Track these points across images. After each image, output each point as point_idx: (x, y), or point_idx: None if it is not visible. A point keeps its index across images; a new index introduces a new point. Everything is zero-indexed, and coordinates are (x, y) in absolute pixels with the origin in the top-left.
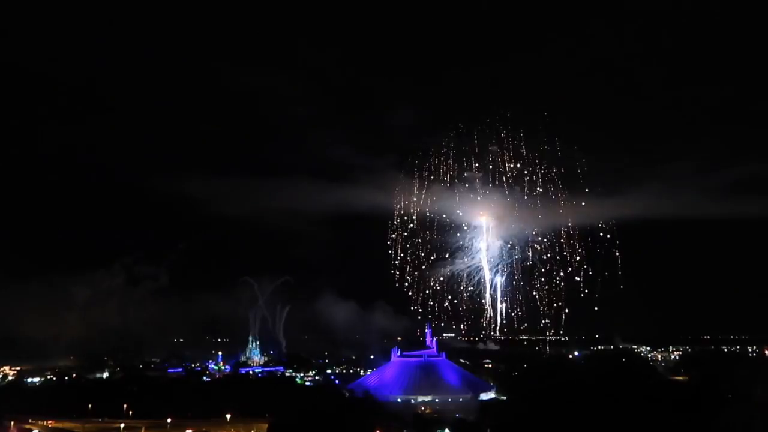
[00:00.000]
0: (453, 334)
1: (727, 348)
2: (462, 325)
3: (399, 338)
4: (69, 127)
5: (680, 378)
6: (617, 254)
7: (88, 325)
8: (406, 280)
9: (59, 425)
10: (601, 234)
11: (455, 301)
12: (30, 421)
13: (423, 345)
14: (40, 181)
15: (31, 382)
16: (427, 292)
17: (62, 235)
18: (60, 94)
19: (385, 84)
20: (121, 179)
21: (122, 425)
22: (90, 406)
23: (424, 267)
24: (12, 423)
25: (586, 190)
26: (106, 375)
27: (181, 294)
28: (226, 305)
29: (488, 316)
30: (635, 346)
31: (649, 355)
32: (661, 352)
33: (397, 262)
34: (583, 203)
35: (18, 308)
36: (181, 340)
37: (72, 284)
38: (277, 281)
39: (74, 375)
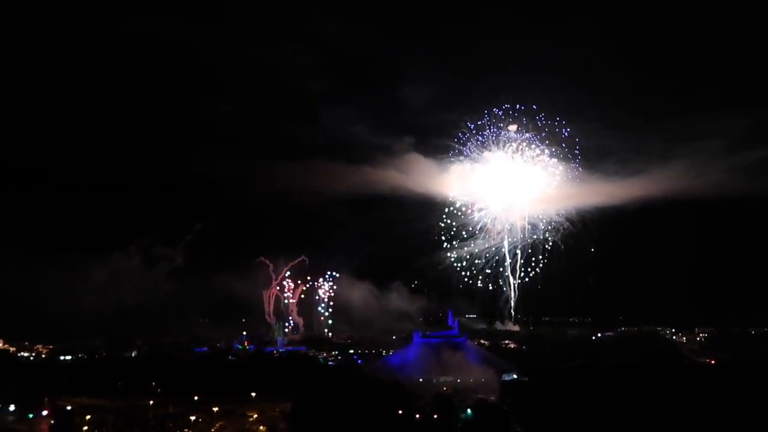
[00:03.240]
0: (474, 315)
1: (755, 330)
2: (481, 306)
3: (420, 319)
4: (84, 105)
5: (707, 360)
6: (641, 234)
7: (112, 305)
8: (425, 261)
9: (91, 402)
10: (625, 214)
11: (475, 282)
12: (63, 398)
13: (442, 326)
14: (58, 163)
15: (64, 359)
16: (445, 272)
17: (80, 217)
18: (73, 68)
19: (404, 58)
20: (137, 160)
21: (151, 402)
22: (119, 383)
23: (443, 247)
24: (46, 399)
25: (610, 169)
26: (134, 354)
27: (199, 275)
28: (243, 286)
29: (508, 296)
30: (659, 328)
31: (674, 337)
32: (687, 333)
33: (415, 243)
34: (607, 183)
35: (44, 289)
36: (206, 320)
37: (94, 264)
38: (293, 261)
39: (103, 353)
